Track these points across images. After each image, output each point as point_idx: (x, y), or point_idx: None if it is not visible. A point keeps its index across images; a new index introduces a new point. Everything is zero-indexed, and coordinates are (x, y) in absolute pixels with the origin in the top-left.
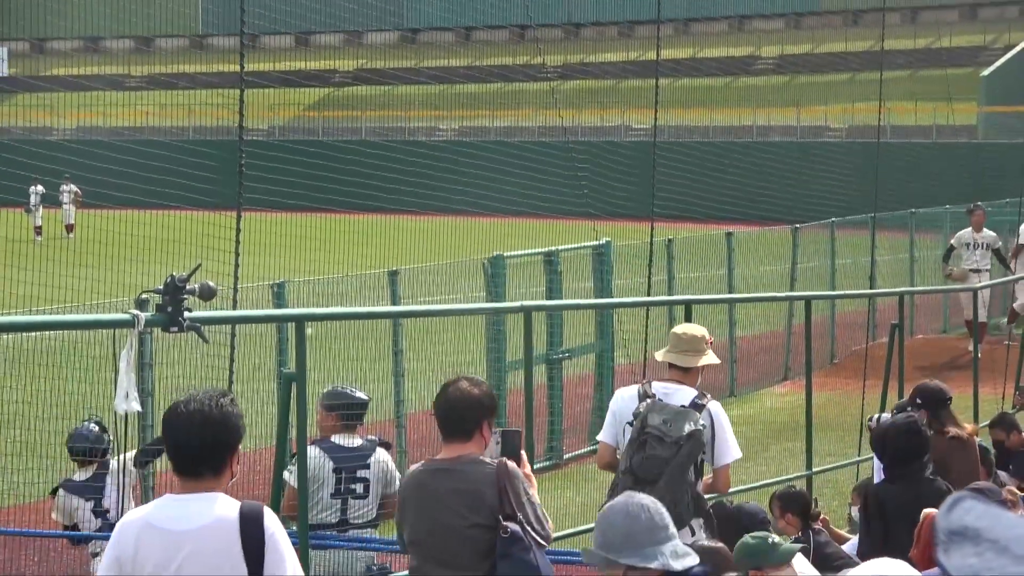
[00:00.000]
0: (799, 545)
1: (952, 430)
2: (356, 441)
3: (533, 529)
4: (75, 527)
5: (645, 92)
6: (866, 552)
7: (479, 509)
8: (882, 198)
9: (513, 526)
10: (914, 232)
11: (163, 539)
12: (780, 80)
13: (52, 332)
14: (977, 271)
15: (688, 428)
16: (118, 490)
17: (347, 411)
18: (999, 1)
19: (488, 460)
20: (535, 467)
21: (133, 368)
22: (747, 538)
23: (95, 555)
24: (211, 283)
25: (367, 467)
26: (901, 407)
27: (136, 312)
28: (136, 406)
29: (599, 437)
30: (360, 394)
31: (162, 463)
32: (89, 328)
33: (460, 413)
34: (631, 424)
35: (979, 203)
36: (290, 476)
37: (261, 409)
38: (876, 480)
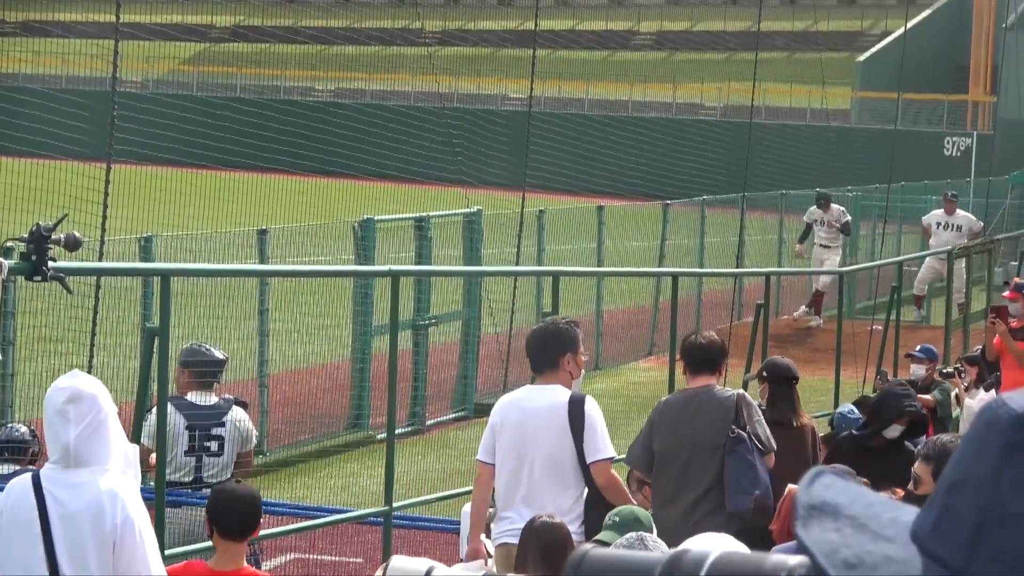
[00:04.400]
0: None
1: (804, 418)
2: (211, 399)
3: (759, 439)
4: None
5: (523, 62)
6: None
7: (722, 427)
8: (753, 179)
9: (740, 431)
10: (784, 213)
11: (519, 413)
12: (658, 56)
13: None
14: (827, 247)
15: None
16: None
17: (203, 368)
18: None
19: (728, 389)
20: (396, 433)
21: None
22: (621, 511)
23: None
24: (77, 234)
25: (222, 425)
26: (747, 381)
27: None
28: None
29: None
30: (217, 353)
31: None
32: None
33: (712, 355)
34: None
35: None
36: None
37: (123, 363)
38: None
